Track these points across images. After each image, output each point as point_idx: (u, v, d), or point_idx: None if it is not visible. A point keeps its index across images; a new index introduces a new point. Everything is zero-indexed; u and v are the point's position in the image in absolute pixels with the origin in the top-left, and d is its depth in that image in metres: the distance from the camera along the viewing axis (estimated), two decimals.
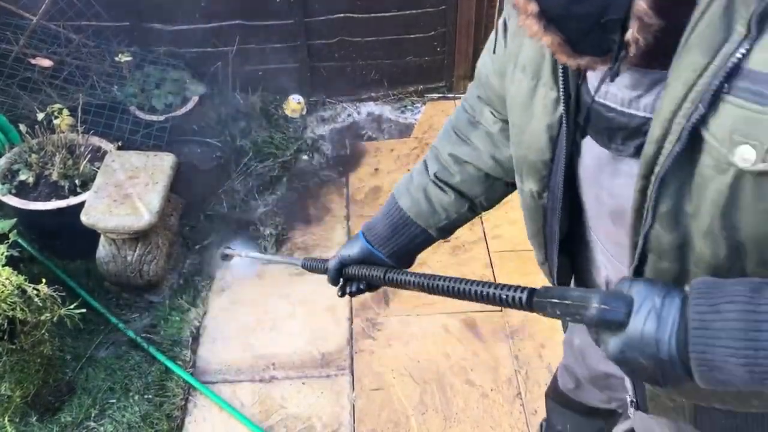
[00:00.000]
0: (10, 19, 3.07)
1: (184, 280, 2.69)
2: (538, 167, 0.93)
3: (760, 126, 0.63)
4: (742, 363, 0.64)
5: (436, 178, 1.15)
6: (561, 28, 0.70)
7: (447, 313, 2.50)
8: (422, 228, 1.18)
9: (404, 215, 1.18)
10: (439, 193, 1.16)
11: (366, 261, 1.18)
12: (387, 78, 3.59)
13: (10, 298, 1.84)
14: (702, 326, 0.66)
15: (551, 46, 0.73)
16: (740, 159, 0.65)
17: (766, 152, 0.63)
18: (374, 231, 1.20)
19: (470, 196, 1.15)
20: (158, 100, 3.08)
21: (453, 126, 1.17)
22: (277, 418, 2.20)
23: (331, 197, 3.08)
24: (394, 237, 1.18)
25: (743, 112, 0.64)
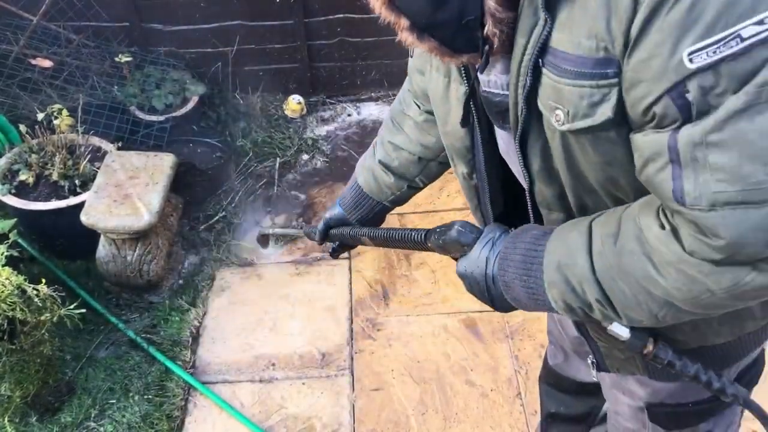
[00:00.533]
0: (10, 19, 3.07)
1: (184, 280, 2.69)
2: (463, 153, 1.07)
3: (561, 93, 0.77)
4: (520, 284, 0.89)
5: (380, 163, 1.34)
6: (432, 35, 0.81)
7: (447, 313, 2.50)
8: (377, 201, 1.38)
9: (361, 190, 1.39)
10: (383, 175, 1.34)
11: (344, 223, 1.41)
12: (387, 78, 3.59)
13: (10, 298, 1.84)
14: (504, 256, 0.91)
15: (431, 51, 0.84)
16: (555, 121, 0.79)
17: (567, 114, 0.77)
18: (345, 200, 1.43)
19: (408, 177, 1.32)
20: (158, 101, 3.09)
21: (391, 116, 1.34)
22: (277, 418, 2.20)
23: (330, 197, 3.08)
24: (357, 207, 1.40)
25: (551, 82, 0.77)
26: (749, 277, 0.70)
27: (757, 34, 0.63)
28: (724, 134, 0.66)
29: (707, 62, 0.64)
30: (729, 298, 0.74)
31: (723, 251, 0.70)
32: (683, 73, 0.66)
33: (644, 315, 0.81)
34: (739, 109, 0.65)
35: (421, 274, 2.67)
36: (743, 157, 0.66)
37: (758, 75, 0.64)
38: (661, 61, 0.67)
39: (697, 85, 0.66)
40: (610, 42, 0.70)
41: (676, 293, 0.76)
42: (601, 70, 0.72)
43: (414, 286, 2.63)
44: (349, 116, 3.57)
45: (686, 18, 0.64)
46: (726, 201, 0.68)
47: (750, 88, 0.64)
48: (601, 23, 0.70)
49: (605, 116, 0.74)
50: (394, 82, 3.61)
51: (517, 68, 0.80)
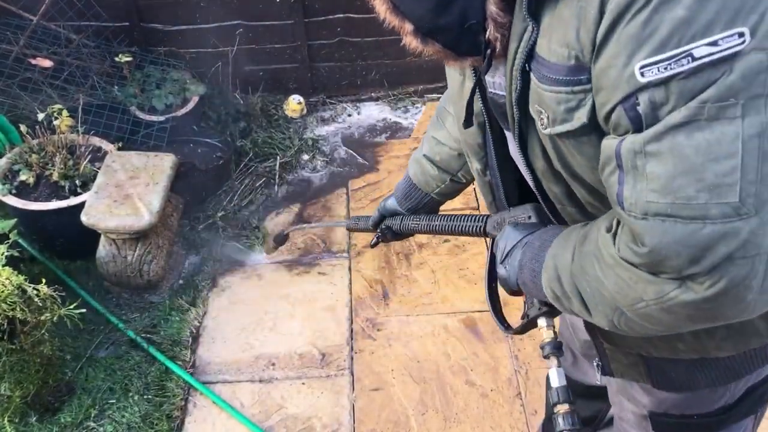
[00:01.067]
0: (10, 19, 3.07)
1: (184, 280, 2.69)
2: (476, 149, 1.09)
3: (543, 98, 0.79)
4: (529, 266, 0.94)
5: (425, 157, 1.37)
6: (436, 39, 0.83)
7: (447, 313, 2.50)
8: (425, 192, 1.41)
9: (411, 182, 1.43)
10: (428, 168, 1.37)
11: (395, 213, 1.46)
12: (387, 78, 3.59)
13: (10, 298, 1.84)
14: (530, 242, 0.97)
15: (436, 55, 0.85)
16: (541, 125, 0.82)
17: (549, 119, 0.80)
18: (397, 191, 1.47)
19: (450, 171, 1.35)
20: (158, 101, 3.09)
21: (437, 112, 1.37)
22: (277, 418, 2.20)
23: (330, 197, 3.08)
24: (408, 198, 1.44)
25: (536, 88, 0.80)
26: (674, 293, 0.71)
27: (709, 55, 0.63)
28: (661, 145, 0.67)
29: (658, 77, 0.65)
30: (662, 312, 0.74)
31: (645, 259, 0.71)
32: (635, 86, 0.67)
33: (603, 318, 0.82)
34: (678, 123, 0.65)
35: (421, 274, 2.67)
36: (677, 170, 0.66)
37: (702, 93, 0.64)
38: (616, 72, 0.68)
39: (648, 99, 0.66)
40: (580, 50, 0.71)
41: (618, 297, 0.77)
42: (575, 76, 0.74)
43: (414, 286, 2.63)
44: (349, 116, 3.57)
45: (641, 32, 0.65)
46: (656, 212, 0.68)
47: (692, 104, 0.65)
48: (572, 32, 0.71)
49: (581, 121, 0.76)
50: (394, 82, 3.61)
51: (510, 72, 0.83)
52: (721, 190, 0.65)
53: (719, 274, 0.67)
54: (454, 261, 2.71)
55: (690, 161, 0.65)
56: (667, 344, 0.98)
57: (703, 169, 0.65)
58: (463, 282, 2.62)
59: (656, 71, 0.65)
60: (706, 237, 0.66)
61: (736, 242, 0.66)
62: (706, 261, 0.67)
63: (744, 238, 0.66)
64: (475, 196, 2.98)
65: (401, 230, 1.44)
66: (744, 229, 0.65)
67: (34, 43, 3.05)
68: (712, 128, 0.64)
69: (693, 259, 0.68)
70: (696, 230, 0.67)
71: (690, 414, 1.12)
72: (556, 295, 0.89)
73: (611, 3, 0.66)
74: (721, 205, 0.65)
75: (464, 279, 2.63)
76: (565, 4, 0.72)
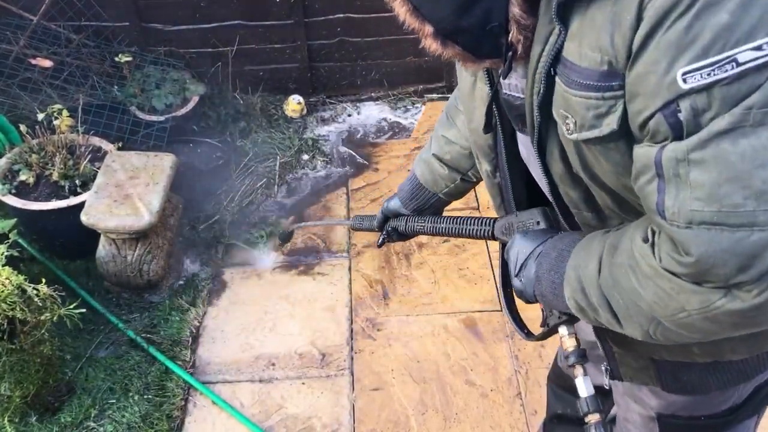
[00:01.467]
0: (10, 19, 3.07)
1: (184, 280, 2.69)
2: (486, 151, 1.08)
3: (570, 102, 0.77)
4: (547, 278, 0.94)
5: (434, 156, 1.36)
6: (456, 41, 0.82)
7: (447, 313, 2.50)
8: (432, 192, 1.40)
9: (418, 182, 1.42)
10: (437, 167, 1.36)
11: (400, 213, 1.46)
12: (387, 78, 3.59)
13: (10, 298, 1.84)
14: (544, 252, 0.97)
15: (455, 57, 0.85)
16: (566, 130, 0.81)
17: (575, 124, 0.78)
18: (402, 191, 1.46)
19: (461, 170, 1.34)
20: (158, 101, 3.08)
21: (446, 110, 1.36)
22: (277, 418, 2.20)
23: (330, 197, 3.08)
24: (414, 198, 1.43)
25: (562, 92, 0.78)
26: (720, 302, 0.70)
27: (754, 60, 0.62)
28: (705, 153, 0.66)
29: (701, 84, 0.64)
30: (705, 321, 0.73)
31: (691, 269, 0.70)
32: (676, 92, 0.66)
33: (637, 329, 0.81)
34: (723, 130, 0.64)
35: (421, 274, 2.67)
36: (722, 178, 0.65)
37: (748, 99, 0.63)
38: (656, 78, 0.67)
39: (689, 106, 0.65)
40: (614, 56, 0.70)
41: (657, 308, 0.76)
42: (607, 82, 0.72)
43: (414, 286, 2.63)
44: (349, 116, 3.57)
45: (683, 38, 0.64)
46: (701, 220, 0.67)
47: (737, 110, 0.64)
48: (606, 37, 0.70)
49: (610, 128, 0.75)
50: (394, 82, 3.61)
51: (533, 75, 0.81)
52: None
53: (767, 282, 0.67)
54: (454, 261, 2.71)
55: (736, 168, 0.64)
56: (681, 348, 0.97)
57: (750, 176, 0.64)
58: (463, 282, 2.62)
59: (699, 77, 0.64)
60: (754, 244, 0.65)
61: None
62: (754, 269, 0.66)
63: None
64: (475, 195, 2.98)
65: (407, 231, 1.44)
66: None
67: (34, 43, 3.05)
68: (758, 134, 0.63)
69: (741, 267, 0.67)
70: (744, 238, 0.66)
71: (698, 415, 1.12)
72: (581, 306, 0.88)
73: (650, 9, 0.65)
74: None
75: (464, 279, 2.63)
76: (598, 7, 0.70)
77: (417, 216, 1.42)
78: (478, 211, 2.91)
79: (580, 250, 0.89)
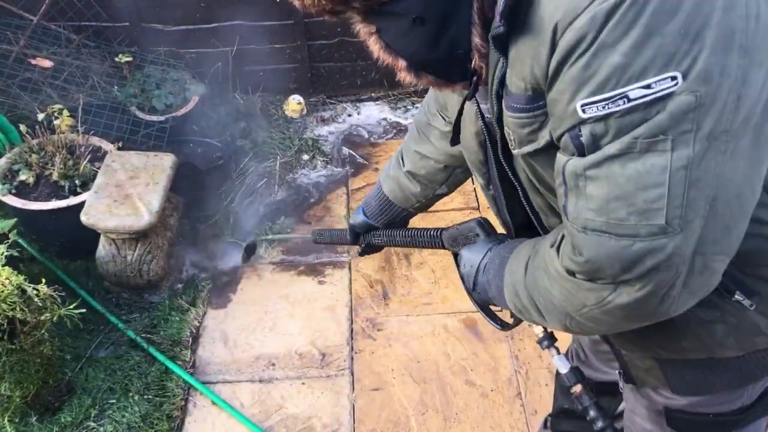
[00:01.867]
0: (10, 19, 3.07)
1: (184, 280, 2.69)
2: (478, 165, 1.14)
3: (509, 122, 0.87)
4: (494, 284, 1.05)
5: (407, 173, 1.41)
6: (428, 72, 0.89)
7: (447, 313, 2.50)
8: (402, 208, 1.47)
9: (386, 198, 1.47)
10: (409, 185, 1.42)
11: (369, 227, 1.52)
12: (387, 78, 3.59)
13: (10, 298, 1.84)
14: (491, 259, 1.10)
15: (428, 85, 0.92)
16: (511, 146, 0.91)
17: (515, 141, 0.88)
18: (369, 207, 1.52)
19: (435, 185, 1.40)
20: (158, 101, 3.09)
21: (416, 125, 1.40)
22: (277, 418, 2.20)
23: (330, 197, 3.08)
24: (383, 214, 1.50)
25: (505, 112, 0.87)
26: (610, 297, 0.79)
27: (643, 97, 0.69)
28: (599, 171, 0.74)
29: (597, 114, 0.72)
30: (604, 314, 0.82)
31: (584, 267, 0.79)
32: (577, 119, 0.73)
33: (557, 323, 0.91)
34: (614, 154, 0.72)
35: (421, 274, 2.67)
36: (611, 195, 0.74)
37: (636, 129, 0.70)
38: (562, 106, 0.75)
39: (589, 132, 0.73)
40: (535, 83, 0.79)
41: (566, 305, 0.86)
42: (533, 104, 0.81)
43: (414, 286, 2.63)
44: (349, 116, 3.57)
45: (582, 74, 0.71)
46: (593, 228, 0.77)
47: (626, 138, 0.71)
48: (527, 68, 0.78)
49: (545, 140, 0.83)
50: (393, 82, 3.60)
51: (490, 95, 0.90)
52: (649, 214, 0.72)
53: (647, 279, 0.76)
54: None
55: (623, 188, 0.73)
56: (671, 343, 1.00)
57: (634, 195, 0.72)
58: None
59: (595, 109, 0.71)
60: (635, 252, 0.75)
61: (662, 255, 0.74)
62: (635, 271, 0.76)
63: (669, 252, 0.74)
64: (475, 196, 2.98)
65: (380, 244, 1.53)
66: (669, 245, 0.73)
67: (34, 43, 3.05)
68: (644, 160, 0.71)
69: (624, 269, 0.76)
70: (627, 246, 0.75)
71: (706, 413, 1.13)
72: (518, 308, 0.98)
73: (559, 45, 0.72)
74: (649, 226, 0.73)
75: None
76: (524, 42, 0.78)
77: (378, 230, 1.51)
78: (478, 211, 2.91)
79: (514, 256, 1.00)
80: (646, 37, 0.67)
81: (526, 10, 0.76)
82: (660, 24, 0.67)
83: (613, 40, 0.68)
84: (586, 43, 0.70)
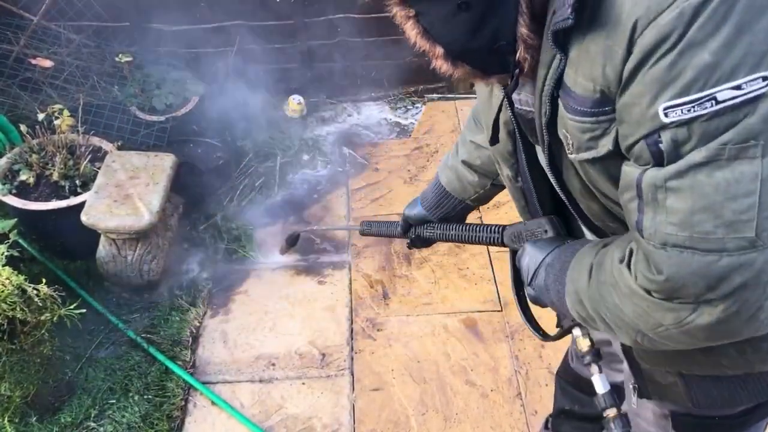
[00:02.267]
0: (10, 19, 3.07)
1: (185, 280, 2.69)
2: (506, 156, 1.10)
3: (568, 125, 0.82)
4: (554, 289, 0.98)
5: (463, 163, 1.37)
6: (465, 61, 0.85)
7: (447, 313, 2.51)
8: (459, 199, 1.42)
9: (444, 189, 1.43)
10: (467, 174, 1.38)
11: (424, 221, 1.48)
12: (387, 78, 3.59)
13: (10, 298, 1.84)
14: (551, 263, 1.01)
15: (464, 76, 0.87)
16: (568, 151, 0.85)
17: (573, 146, 0.83)
18: (426, 199, 1.48)
19: (491, 175, 1.34)
20: (159, 101, 3.08)
21: (473, 114, 1.36)
22: (277, 418, 2.20)
23: (331, 197, 3.08)
24: (439, 206, 1.45)
25: (562, 114, 0.82)
26: (690, 317, 0.74)
27: (733, 98, 0.65)
28: (682, 182, 0.69)
29: (681, 119, 0.67)
30: (682, 334, 0.77)
31: (662, 286, 0.74)
32: (658, 124, 0.69)
33: (626, 338, 0.86)
34: (699, 162, 0.68)
35: (421, 274, 2.67)
36: (696, 206, 0.69)
37: (724, 134, 0.66)
38: (640, 110, 0.70)
39: (670, 138, 0.69)
40: (606, 85, 0.74)
41: (639, 323, 0.80)
42: (600, 108, 0.76)
43: (414, 286, 2.63)
44: (349, 116, 3.57)
45: (666, 74, 0.67)
46: (675, 243, 0.72)
47: (713, 145, 0.67)
48: (599, 68, 0.73)
49: (606, 148, 0.78)
50: (394, 82, 3.61)
51: (539, 96, 0.85)
52: (738, 225, 0.68)
53: (733, 298, 0.70)
54: (454, 261, 2.71)
55: (710, 199, 0.68)
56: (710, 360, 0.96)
57: (722, 206, 0.68)
58: (463, 282, 2.62)
59: (680, 113, 0.67)
60: (722, 268, 0.69)
61: (750, 272, 0.69)
62: (721, 289, 0.70)
63: (758, 268, 0.69)
64: None
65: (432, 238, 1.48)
66: (759, 260, 0.68)
67: (34, 43, 3.05)
68: (732, 168, 0.67)
69: (709, 287, 0.71)
70: (713, 261, 0.69)
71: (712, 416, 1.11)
72: (582, 316, 0.92)
73: (638, 44, 0.68)
74: (738, 239, 0.68)
75: (464, 279, 2.63)
76: (593, 39, 0.73)
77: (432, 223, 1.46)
78: (478, 210, 2.91)
79: (576, 263, 0.93)
80: (737, 34, 0.63)
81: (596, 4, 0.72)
82: (751, 21, 0.63)
83: (703, 38, 0.64)
84: (671, 41, 0.65)
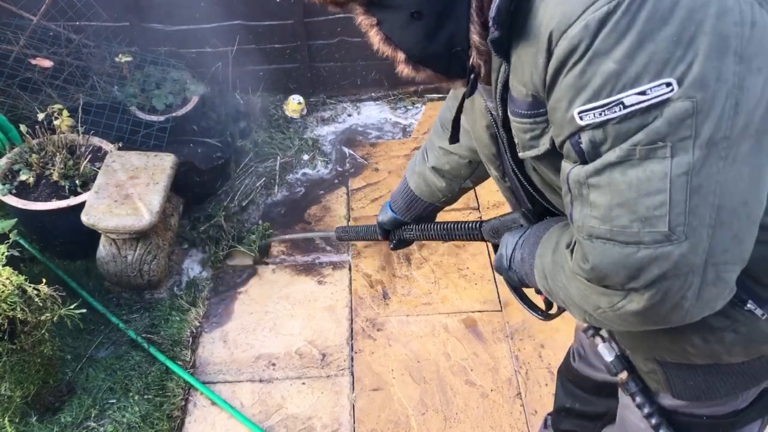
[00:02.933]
0: (10, 19, 3.07)
1: (185, 280, 2.69)
2: (491, 158, 1.15)
3: (514, 126, 0.89)
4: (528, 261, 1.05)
5: (432, 169, 1.43)
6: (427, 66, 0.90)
7: (447, 313, 2.51)
8: (429, 202, 1.50)
9: (413, 194, 1.51)
10: (435, 180, 1.44)
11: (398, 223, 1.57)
12: (387, 78, 3.59)
13: (10, 298, 1.84)
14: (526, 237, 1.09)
15: (428, 79, 0.92)
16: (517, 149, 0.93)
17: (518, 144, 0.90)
18: (396, 203, 1.56)
19: (460, 179, 1.42)
20: (158, 101, 3.09)
21: (440, 121, 1.42)
22: (277, 418, 2.21)
23: (330, 197, 3.09)
24: (410, 209, 1.54)
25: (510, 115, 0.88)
26: (621, 303, 0.80)
27: (639, 103, 0.70)
28: (600, 179, 0.75)
29: (594, 121, 0.73)
30: (618, 318, 0.82)
31: (590, 274, 0.81)
32: (576, 127, 0.75)
33: (577, 315, 0.92)
34: (613, 162, 0.73)
35: (421, 274, 2.67)
36: (613, 202, 0.75)
37: (634, 136, 0.71)
38: (561, 114, 0.76)
39: (588, 139, 0.75)
40: (535, 90, 0.80)
41: (582, 303, 0.87)
42: (535, 110, 0.83)
43: (414, 286, 2.63)
44: (349, 116, 3.57)
45: (578, 81, 0.72)
46: (598, 235, 0.78)
47: (625, 146, 0.72)
48: (528, 74, 0.79)
49: (546, 147, 0.85)
50: (394, 82, 3.61)
51: (494, 99, 0.91)
52: (652, 220, 0.73)
53: (655, 288, 0.76)
54: (454, 261, 2.71)
55: (625, 195, 0.74)
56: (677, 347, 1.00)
57: (636, 202, 0.73)
58: (463, 282, 2.62)
59: (593, 116, 0.73)
60: (640, 259, 0.75)
61: (667, 264, 0.74)
62: (642, 279, 0.76)
63: (675, 260, 0.74)
64: (475, 196, 2.98)
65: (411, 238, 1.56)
66: (675, 253, 0.73)
67: (34, 43, 3.05)
68: (644, 167, 0.72)
69: (630, 276, 0.77)
70: (631, 253, 0.75)
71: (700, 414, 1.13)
72: (547, 290, 0.98)
73: (555, 54, 0.73)
74: (653, 233, 0.73)
75: (464, 279, 2.63)
76: (523, 48, 0.79)
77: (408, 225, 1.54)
78: (478, 211, 2.91)
79: (545, 239, 1.01)
80: (638, 44, 0.68)
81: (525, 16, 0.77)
82: (653, 31, 0.67)
83: (607, 48, 0.69)
84: (580, 51, 0.71)
